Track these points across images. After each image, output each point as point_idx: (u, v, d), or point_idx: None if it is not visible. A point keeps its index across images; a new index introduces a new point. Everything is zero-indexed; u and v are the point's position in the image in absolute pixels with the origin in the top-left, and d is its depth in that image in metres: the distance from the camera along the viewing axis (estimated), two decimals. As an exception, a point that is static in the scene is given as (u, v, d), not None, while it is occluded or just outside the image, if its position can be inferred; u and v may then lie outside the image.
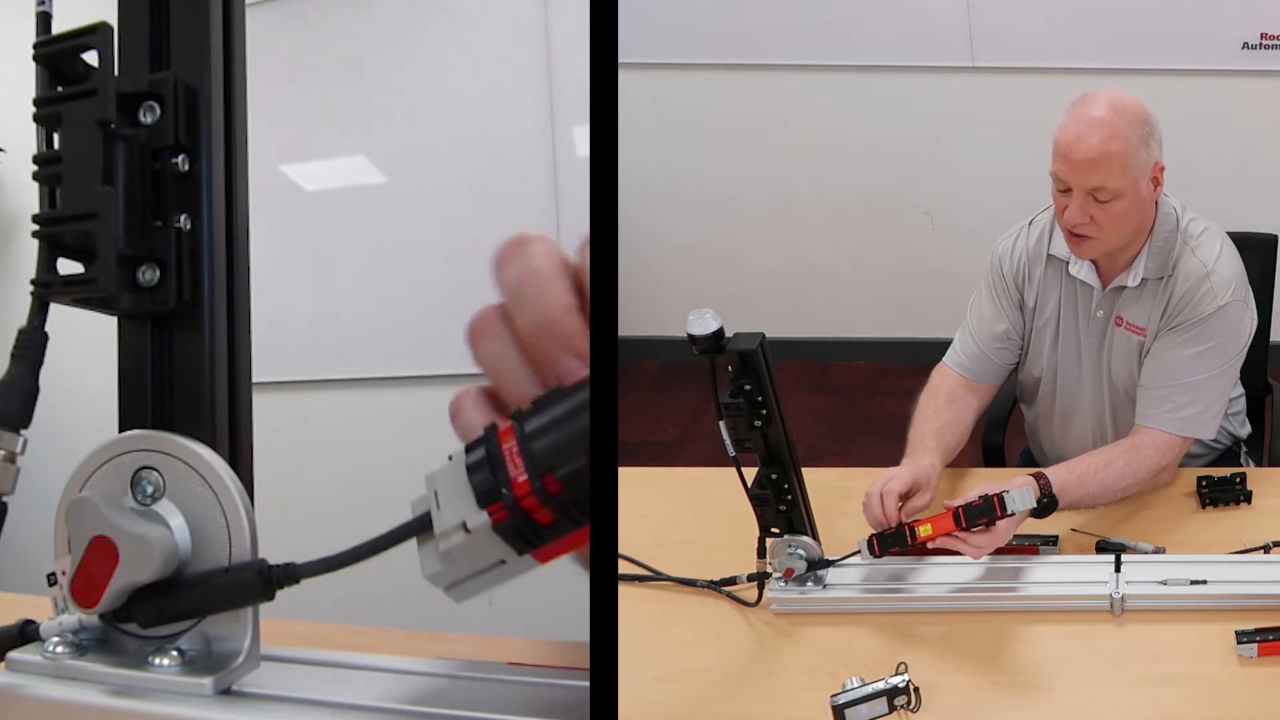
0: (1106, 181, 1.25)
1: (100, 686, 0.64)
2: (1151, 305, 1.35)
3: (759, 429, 1.04)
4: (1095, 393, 1.45)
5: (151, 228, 0.70)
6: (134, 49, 0.72)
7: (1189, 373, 1.32)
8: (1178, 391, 1.31)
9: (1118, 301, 1.38)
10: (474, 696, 0.66)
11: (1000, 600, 1.13)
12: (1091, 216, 1.27)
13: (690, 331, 1.00)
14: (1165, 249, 1.33)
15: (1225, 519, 1.27)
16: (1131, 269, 1.35)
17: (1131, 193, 1.27)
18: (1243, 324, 1.33)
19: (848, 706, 0.93)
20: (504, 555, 0.55)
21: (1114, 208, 1.27)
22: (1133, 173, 1.26)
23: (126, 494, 0.66)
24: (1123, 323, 1.38)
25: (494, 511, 0.54)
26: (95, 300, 0.69)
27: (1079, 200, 1.27)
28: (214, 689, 0.63)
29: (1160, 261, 1.33)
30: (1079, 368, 1.45)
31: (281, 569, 0.63)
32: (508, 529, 0.54)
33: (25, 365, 0.69)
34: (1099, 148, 1.25)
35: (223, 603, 0.64)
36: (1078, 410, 1.48)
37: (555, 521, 0.54)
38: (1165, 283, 1.34)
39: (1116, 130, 1.25)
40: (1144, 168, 1.27)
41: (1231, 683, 1.00)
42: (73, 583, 0.64)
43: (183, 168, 0.70)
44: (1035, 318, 1.45)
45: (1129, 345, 1.38)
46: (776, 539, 1.12)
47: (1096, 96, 1.28)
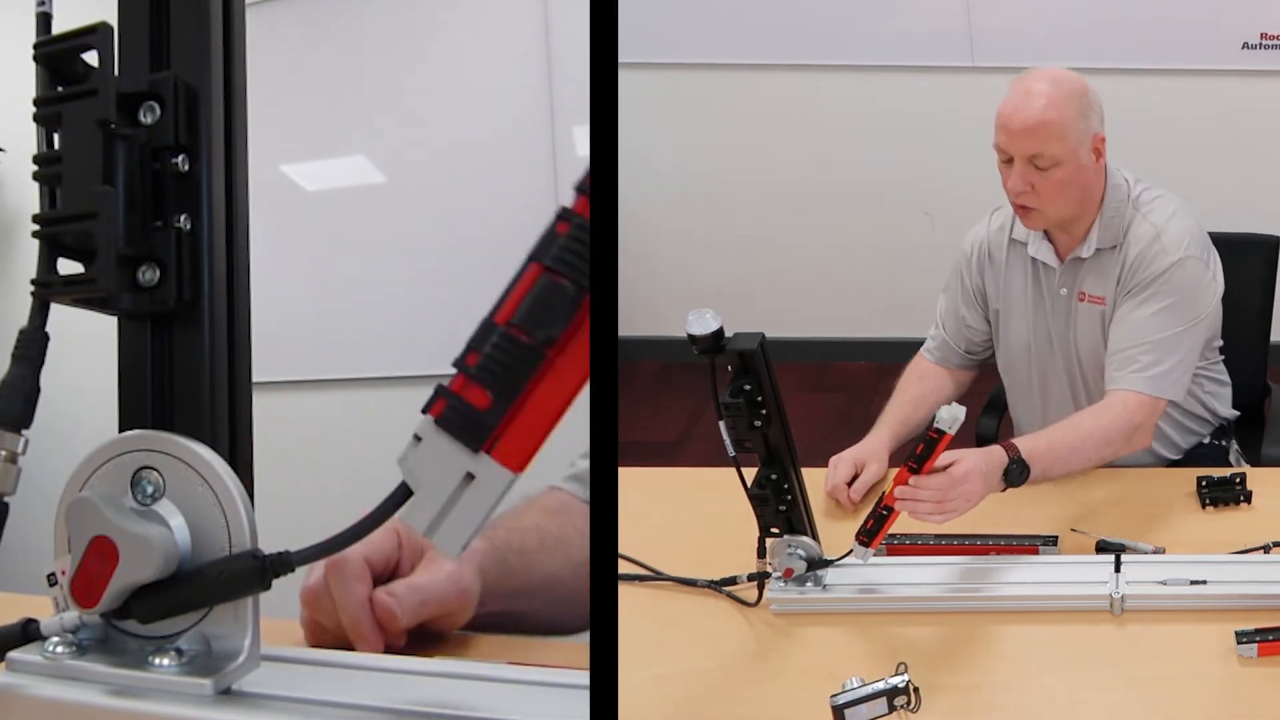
0: (1044, 148, 1.31)
1: (100, 686, 0.64)
2: (1108, 274, 1.40)
3: (759, 429, 1.04)
4: (1067, 371, 1.49)
5: (151, 228, 0.70)
6: (134, 49, 0.72)
7: (1150, 331, 1.35)
8: (1141, 351, 1.34)
9: (1077, 276, 1.43)
10: (474, 697, 0.66)
11: (1000, 600, 1.13)
12: (1032, 185, 1.33)
13: (690, 331, 1.00)
14: (1117, 219, 1.38)
15: (1225, 519, 1.27)
16: (1085, 240, 1.40)
17: (1071, 161, 1.32)
18: (1201, 281, 1.36)
19: (848, 706, 0.93)
20: (465, 465, 0.55)
21: (1054, 175, 1.32)
22: (1071, 141, 1.32)
23: (126, 494, 0.67)
24: (1085, 297, 1.43)
25: (434, 408, 0.56)
26: (95, 300, 0.69)
27: (1019, 168, 1.33)
28: (214, 689, 0.63)
29: (1113, 231, 1.38)
30: (1050, 347, 1.49)
31: (275, 557, 0.63)
32: (450, 421, 0.55)
33: (26, 365, 0.69)
34: (1037, 116, 1.31)
35: (219, 594, 0.64)
36: (1053, 390, 1.52)
37: (493, 403, 0.54)
38: (1118, 251, 1.38)
39: (1054, 100, 1.32)
40: (1083, 137, 1.33)
41: (1231, 683, 1.00)
42: (73, 582, 0.64)
43: (183, 168, 0.70)
44: (998, 300, 1.50)
45: (1092, 318, 1.43)
46: (776, 539, 1.12)
47: (1036, 72, 1.35)
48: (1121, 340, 1.36)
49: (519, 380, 0.54)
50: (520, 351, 0.54)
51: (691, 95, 2.74)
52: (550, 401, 0.55)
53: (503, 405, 0.54)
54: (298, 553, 0.63)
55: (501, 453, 0.55)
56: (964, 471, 1.13)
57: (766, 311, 2.78)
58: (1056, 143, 1.31)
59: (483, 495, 0.56)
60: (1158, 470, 1.49)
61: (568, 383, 0.55)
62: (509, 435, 0.55)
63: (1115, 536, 1.21)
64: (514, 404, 0.54)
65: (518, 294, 0.55)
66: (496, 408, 0.55)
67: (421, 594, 0.93)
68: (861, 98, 2.68)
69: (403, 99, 2.93)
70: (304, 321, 2.94)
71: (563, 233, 0.55)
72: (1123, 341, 1.36)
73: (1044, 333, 1.48)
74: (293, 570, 0.63)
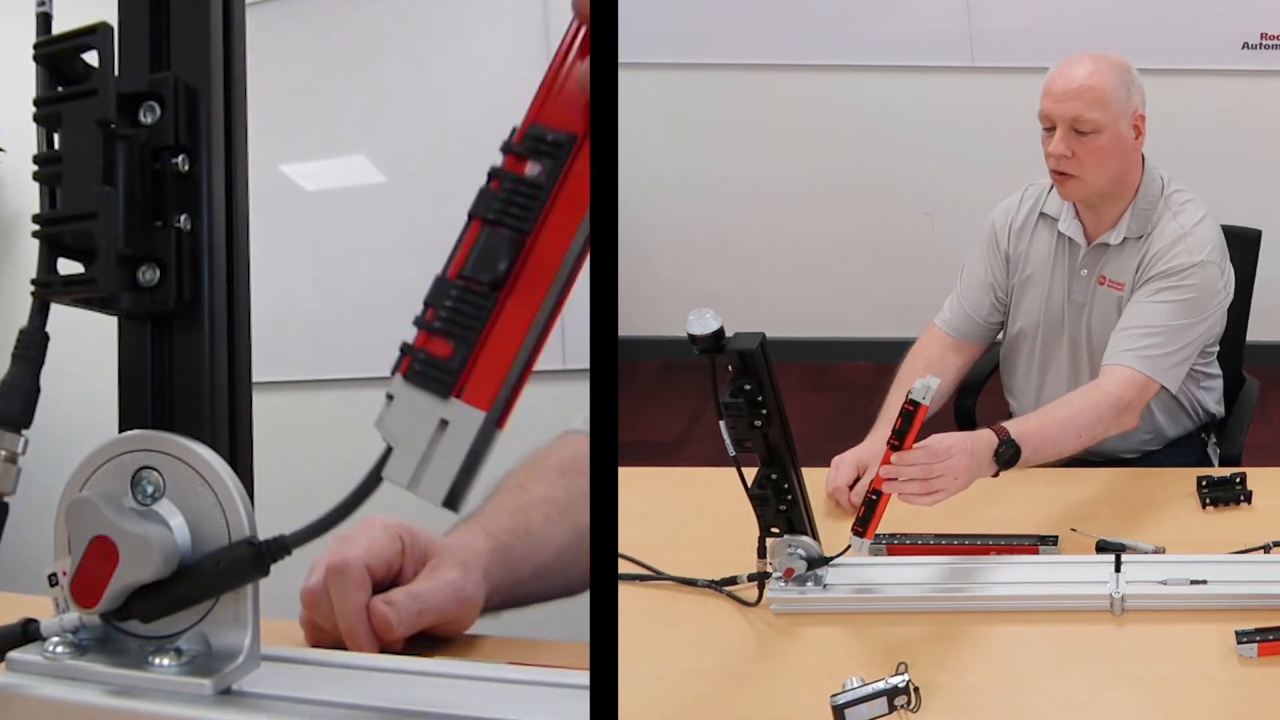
0: (1086, 111, 1.35)
1: (100, 686, 0.64)
2: (1130, 261, 1.42)
3: (759, 429, 1.04)
4: (1072, 351, 1.52)
5: (151, 228, 0.70)
6: (134, 49, 0.72)
7: (1157, 318, 1.37)
8: (1144, 334, 1.37)
9: (1100, 259, 1.45)
10: (474, 697, 0.66)
11: (1000, 600, 1.13)
12: (1073, 151, 1.36)
13: (690, 331, 1.00)
14: (1148, 210, 1.41)
15: (1225, 519, 1.27)
16: (1116, 227, 1.43)
17: (1111, 130, 1.36)
18: (1216, 285, 1.40)
19: (848, 706, 0.93)
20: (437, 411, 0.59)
21: (1094, 141, 1.36)
22: (1113, 110, 1.35)
23: (126, 494, 0.67)
24: (1105, 280, 1.45)
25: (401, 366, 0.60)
26: (95, 300, 0.69)
27: (1061, 134, 1.36)
28: (214, 689, 0.63)
29: (1142, 221, 1.41)
30: (1061, 325, 1.51)
31: (272, 542, 0.64)
32: (417, 374, 0.59)
33: (26, 366, 0.69)
34: (1080, 81, 1.35)
35: (220, 584, 0.65)
36: (1053, 369, 1.55)
37: (454, 350, 0.59)
38: (1144, 240, 1.41)
39: (1098, 69, 1.36)
40: (1124, 108, 1.36)
41: (1231, 683, 1.00)
42: (73, 583, 0.64)
43: (183, 168, 0.70)
44: (1019, 272, 1.52)
45: (1109, 302, 1.45)
46: (776, 539, 1.12)
47: (1081, 53, 1.39)
48: (1128, 320, 1.39)
49: (475, 325, 0.59)
50: (473, 298, 0.59)
51: (691, 95, 2.74)
52: (506, 338, 0.59)
53: (464, 350, 0.59)
54: (293, 535, 0.63)
55: (470, 395, 0.59)
56: (946, 445, 1.13)
57: (766, 311, 2.78)
58: (1099, 108, 1.35)
59: (458, 438, 0.59)
60: (1158, 470, 1.49)
61: (520, 318, 0.59)
62: (474, 377, 0.59)
63: (1115, 536, 1.21)
64: (474, 348, 0.59)
65: (464, 249, 0.60)
66: (458, 354, 0.59)
67: (421, 603, 0.93)
68: (861, 98, 2.69)
69: (403, 99, 2.92)
70: (304, 321, 2.94)
71: (495, 189, 0.61)
72: (1129, 321, 1.39)
73: (1057, 309, 1.51)
74: (289, 553, 0.64)
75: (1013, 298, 1.54)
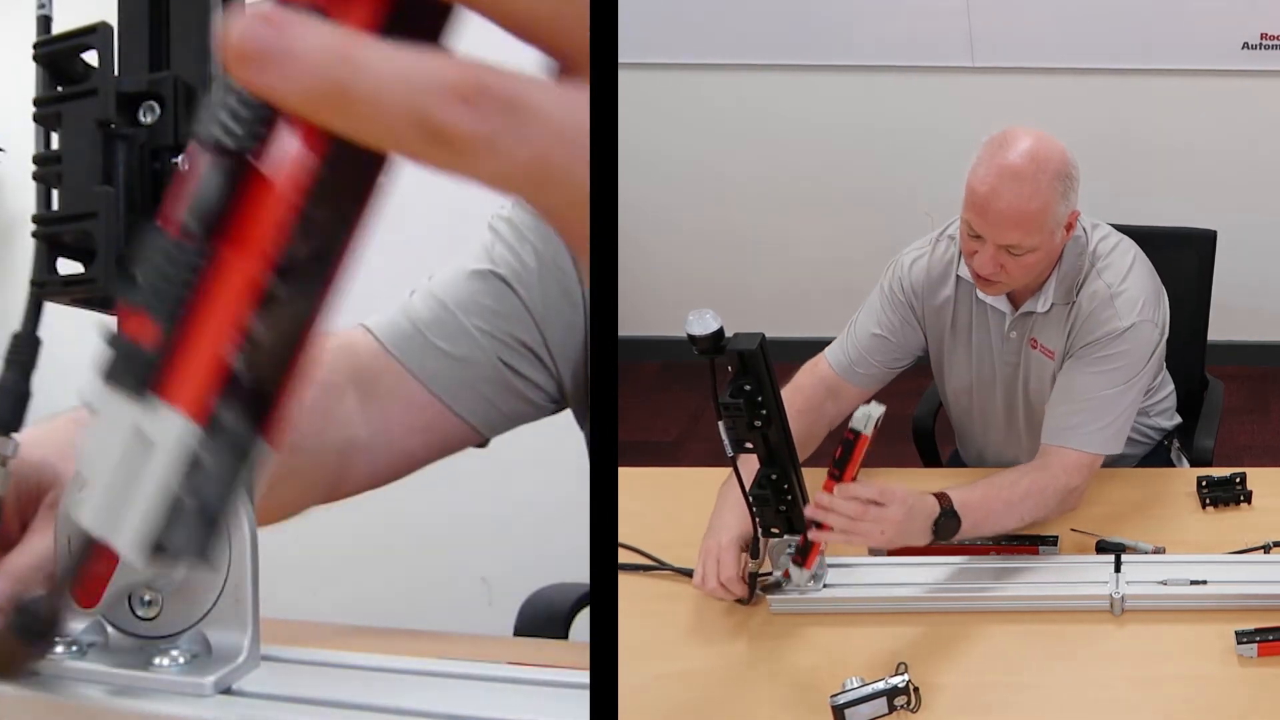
0: (1023, 240, 1.22)
1: (100, 686, 0.64)
2: (1060, 329, 1.33)
3: (759, 429, 1.04)
4: (1007, 409, 1.44)
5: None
6: (134, 49, 0.72)
7: (1093, 389, 1.28)
8: (1083, 409, 1.27)
9: (1028, 324, 1.36)
10: (474, 697, 0.66)
11: (1000, 600, 1.13)
12: (1003, 266, 1.24)
13: (690, 332, 1.00)
14: (1073, 274, 1.31)
15: (1225, 519, 1.28)
16: (1040, 295, 1.33)
17: (1046, 246, 1.25)
18: (1150, 343, 1.29)
19: (848, 706, 0.93)
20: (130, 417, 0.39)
21: (1026, 259, 1.24)
22: (1049, 228, 1.23)
23: (126, 494, 0.66)
24: (1037, 345, 1.36)
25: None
26: (95, 300, 0.69)
27: (991, 252, 1.23)
28: (214, 689, 0.63)
29: (1068, 287, 1.31)
30: (994, 386, 1.43)
31: None
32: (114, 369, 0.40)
33: (18, 370, 0.69)
34: (1018, 207, 1.20)
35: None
36: (994, 424, 1.48)
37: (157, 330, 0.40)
38: (1072, 307, 1.31)
39: (1037, 189, 1.20)
40: (1060, 219, 1.24)
41: (1231, 683, 1.00)
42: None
43: (183, 168, 0.70)
44: (943, 334, 1.42)
45: (1043, 367, 1.37)
46: (776, 539, 1.12)
47: (1016, 141, 1.21)
48: (1063, 395, 1.30)
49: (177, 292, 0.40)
50: (179, 255, 0.41)
51: (691, 95, 2.74)
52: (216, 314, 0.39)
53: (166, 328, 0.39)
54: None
55: (170, 392, 0.39)
56: (889, 494, 1.09)
57: (766, 311, 2.78)
58: (1035, 234, 1.22)
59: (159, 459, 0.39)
60: (1158, 470, 1.49)
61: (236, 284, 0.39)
62: (170, 376, 0.39)
63: (1115, 536, 1.21)
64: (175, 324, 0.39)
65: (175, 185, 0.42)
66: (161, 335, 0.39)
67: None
68: (861, 98, 2.68)
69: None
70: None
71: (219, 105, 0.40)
72: (1064, 396, 1.30)
73: (989, 370, 1.42)
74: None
75: (944, 355, 1.44)
